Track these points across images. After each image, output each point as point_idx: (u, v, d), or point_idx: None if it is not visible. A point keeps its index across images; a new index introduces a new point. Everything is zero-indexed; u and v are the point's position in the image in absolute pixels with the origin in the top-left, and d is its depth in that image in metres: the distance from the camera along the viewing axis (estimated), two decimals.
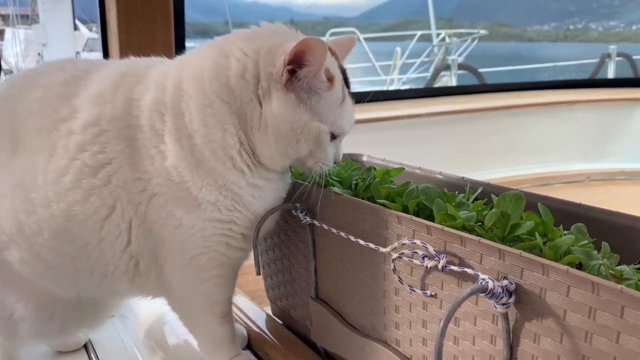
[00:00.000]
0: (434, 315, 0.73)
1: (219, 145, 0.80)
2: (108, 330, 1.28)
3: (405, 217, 0.74)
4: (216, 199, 0.82)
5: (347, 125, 0.86)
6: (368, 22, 68.09)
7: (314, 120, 0.80)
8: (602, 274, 0.59)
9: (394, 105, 2.74)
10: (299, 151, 0.82)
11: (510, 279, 0.61)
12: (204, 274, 0.87)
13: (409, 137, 2.64)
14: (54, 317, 0.97)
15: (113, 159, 0.80)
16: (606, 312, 0.53)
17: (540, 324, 0.59)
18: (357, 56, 9.74)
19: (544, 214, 0.69)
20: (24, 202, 0.82)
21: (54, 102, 0.84)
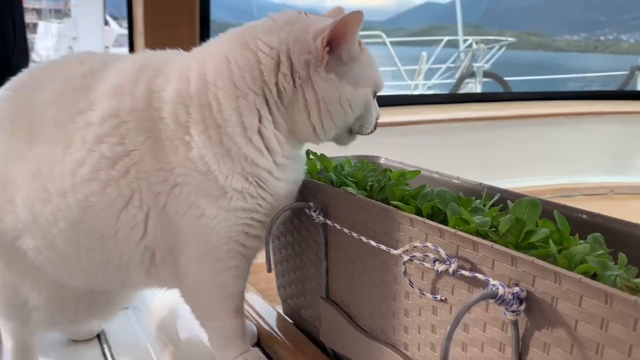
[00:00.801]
0: (444, 321, 0.72)
1: (255, 131, 0.82)
2: (121, 321, 1.29)
3: (418, 219, 0.73)
4: (242, 187, 0.83)
5: (381, 79, 0.90)
6: (395, 26, 68.01)
7: (357, 88, 0.84)
8: (617, 285, 0.58)
9: (417, 110, 2.72)
10: (349, 121, 0.87)
11: (521, 286, 0.60)
12: (221, 265, 0.88)
13: (430, 143, 2.61)
14: (67, 307, 0.99)
15: (132, 151, 0.81)
16: (619, 324, 0.51)
17: (550, 334, 0.58)
18: (382, 60, 9.73)
19: (559, 222, 0.67)
20: (40, 191, 0.83)
21: (72, 94, 0.85)
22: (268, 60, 0.81)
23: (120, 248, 0.85)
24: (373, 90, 0.87)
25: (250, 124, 0.81)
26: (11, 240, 0.87)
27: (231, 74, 0.81)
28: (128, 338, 1.24)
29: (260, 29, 0.85)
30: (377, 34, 9.44)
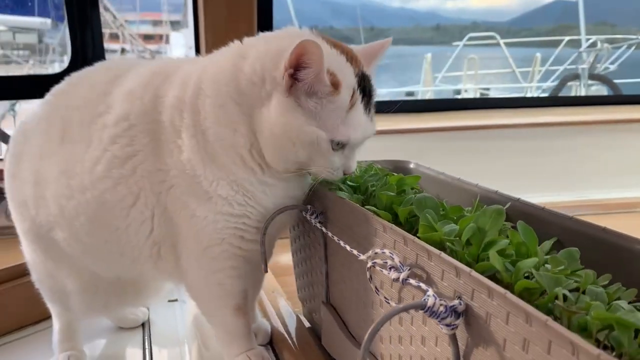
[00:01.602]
0: (407, 332, 0.69)
1: (230, 144, 0.83)
2: (167, 312, 1.38)
3: (387, 225, 0.71)
4: (227, 194, 0.85)
5: (354, 134, 0.82)
6: (519, 27, 64.30)
7: (310, 125, 0.79)
8: (558, 305, 0.52)
9: (486, 115, 2.58)
10: (297, 155, 0.81)
11: (463, 299, 0.56)
12: (217, 265, 0.91)
13: (498, 148, 2.47)
14: (98, 294, 1.08)
15: (139, 151, 0.87)
16: (537, 346, 0.47)
17: (485, 352, 0.54)
18: (496, 62, 9.32)
19: (523, 233, 0.62)
20: (65, 187, 0.91)
21: (95, 98, 0.92)
22: (249, 68, 0.81)
23: (132, 242, 0.91)
24: (330, 138, 0.80)
25: (225, 134, 0.83)
26: (46, 232, 0.96)
27: (218, 81, 0.84)
28: (169, 329, 1.32)
29: (266, 39, 0.86)
30: (491, 35, 9.06)
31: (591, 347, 0.40)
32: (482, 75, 8.20)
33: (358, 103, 0.83)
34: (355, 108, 0.82)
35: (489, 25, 46.68)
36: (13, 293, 1.28)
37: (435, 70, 8.25)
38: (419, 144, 2.31)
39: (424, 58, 7.62)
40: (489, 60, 9.73)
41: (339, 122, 0.80)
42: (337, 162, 0.84)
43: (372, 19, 61.99)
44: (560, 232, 0.78)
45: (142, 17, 15.73)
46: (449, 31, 43.28)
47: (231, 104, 0.83)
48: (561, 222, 0.79)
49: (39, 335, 1.29)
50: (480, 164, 2.35)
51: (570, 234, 0.77)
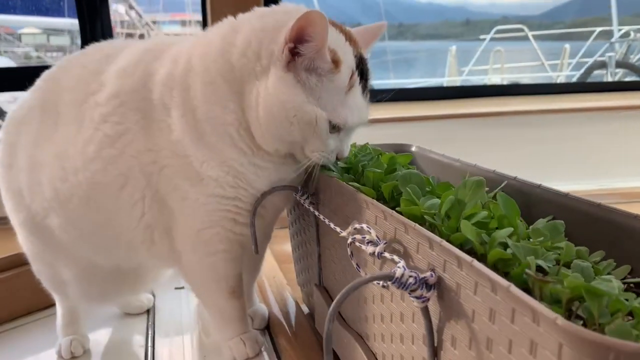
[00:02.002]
0: (388, 310, 0.67)
1: (219, 122, 0.81)
2: (173, 300, 1.38)
3: (369, 201, 0.69)
4: (217, 175, 0.83)
5: (352, 117, 0.80)
6: (551, 20, 62.63)
7: (310, 104, 0.76)
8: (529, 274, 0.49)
9: (508, 101, 2.51)
10: (292, 135, 0.79)
11: (436, 272, 0.54)
12: (209, 248, 0.89)
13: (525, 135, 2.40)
14: (95, 282, 1.05)
15: (129, 130, 0.84)
16: (503, 315, 0.44)
17: (456, 326, 0.51)
18: (526, 55, 9.12)
19: (504, 204, 0.59)
20: (60, 170, 0.89)
21: (87, 77, 0.90)
22: (242, 41, 0.79)
23: (124, 225, 0.89)
24: (329, 119, 0.78)
25: (215, 112, 0.80)
26: (42, 220, 0.94)
27: (208, 58, 0.81)
28: (173, 317, 1.31)
29: (259, 14, 0.83)
30: (519, 27, 8.88)
31: (549, 312, 0.37)
32: (510, 69, 8.03)
33: (356, 85, 0.81)
34: (354, 90, 0.80)
35: (520, 19, 45.66)
36: (22, 279, 1.30)
37: (463, 64, 8.12)
38: (439, 131, 2.27)
39: (448, 51, 7.51)
40: (518, 53, 9.54)
41: (337, 103, 0.78)
42: (332, 145, 0.81)
43: (400, 15, 61.73)
44: (556, 210, 0.75)
45: (172, 18, 15.94)
46: (478, 26, 42.69)
47: (220, 81, 0.80)
48: (557, 200, 0.76)
49: (47, 320, 1.31)
50: (504, 151, 2.29)
51: (566, 211, 0.74)
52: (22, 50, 7.62)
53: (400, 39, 23.33)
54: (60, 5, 7.20)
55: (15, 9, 4.25)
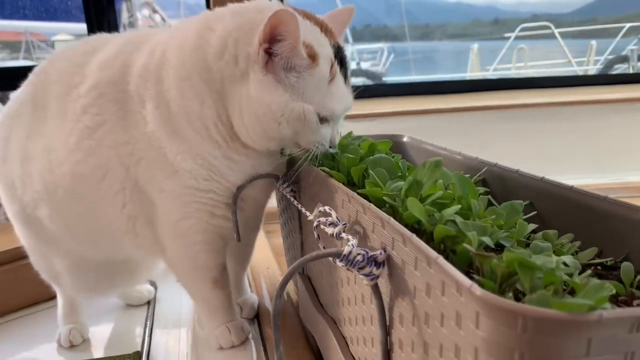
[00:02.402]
0: (352, 293, 0.67)
1: (196, 116, 0.81)
2: (174, 291, 1.40)
3: (336, 185, 0.69)
4: (191, 167, 0.83)
5: (338, 107, 0.81)
6: (583, 18, 60.88)
7: (296, 101, 0.76)
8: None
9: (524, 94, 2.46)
10: (282, 133, 0.79)
11: (387, 250, 0.54)
12: (188, 239, 0.90)
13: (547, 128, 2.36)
14: (88, 274, 1.07)
15: (106, 121, 0.85)
16: (436, 289, 0.44)
17: (402, 303, 0.51)
18: (554, 54, 8.95)
19: (460, 184, 0.59)
20: (47, 162, 0.89)
21: (72, 70, 0.90)
22: (217, 42, 0.79)
23: (107, 217, 0.90)
24: (317, 111, 0.78)
25: (191, 107, 0.80)
26: (32, 211, 0.94)
27: (183, 52, 0.82)
28: (173, 309, 1.33)
29: (233, 11, 0.83)
30: (545, 24, 8.71)
31: (465, 280, 0.37)
32: (535, 67, 7.88)
33: (338, 74, 0.81)
34: (336, 80, 0.80)
35: (550, 17, 44.86)
36: (26, 271, 1.33)
37: (488, 63, 8.01)
38: (453, 124, 2.25)
39: (470, 49, 7.43)
40: (546, 52, 9.36)
41: (322, 95, 0.79)
42: (324, 134, 0.82)
43: (425, 16, 61.49)
44: (534, 195, 0.74)
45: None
46: (507, 25, 42.26)
47: (197, 77, 0.80)
48: (534, 184, 0.75)
49: (51, 311, 1.34)
50: (520, 144, 2.26)
51: (542, 196, 0.73)
52: None
53: (427, 39, 23.19)
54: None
55: (48, 17, 4.38)
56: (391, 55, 9.61)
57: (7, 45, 8.41)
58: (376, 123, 2.06)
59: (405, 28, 12.39)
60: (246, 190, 0.88)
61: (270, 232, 1.50)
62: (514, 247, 0.53)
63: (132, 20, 8.12)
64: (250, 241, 1.07)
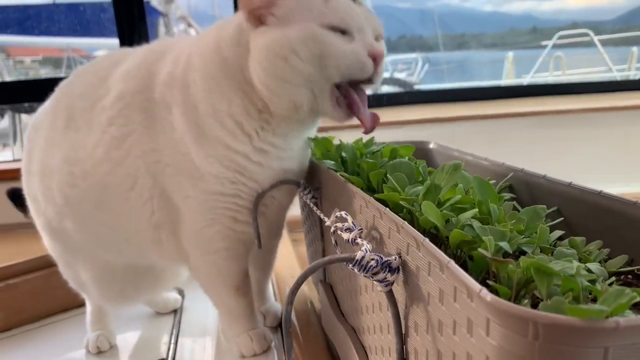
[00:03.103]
0: (370, 300, 0.65)
1: (226, 114, 0.81)
2: (201, 300, 1.40)
3: (354, 190, 0.68)
4: (218, 171, 0.83)
5: (347, 13, 0.74)
6: (626, 25, 58.20)
7: (289, 27, 0.73)
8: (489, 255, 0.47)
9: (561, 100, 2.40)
10: (298, 68, 0.73)
11: (402, 255, 0.52)
12: (211, 246, 0.89)
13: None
14: (114, 282, 1.07)
15: (134, 131, 0.86)
16: (449, 295, 0.42)
17: (417, 310, 0.49)
18: (594, 62, 8.72)
19: (479, 188, 0.57)
20: (68, 175, 0.89)
21: (95, 83, 0.91)
22: (228, 36, 0.80)
23: (135, 226, 0.91)
24: (320, 22, 0.72)
25: (220, 106, 0.81)
26: (57, 224, 0.96)
27: (205, 54, 0.82)
28: (198, 316, 1.33)
29: (238, 13, 0.82)
30: (584, 32, 8.51)
31: (475, 285, 0.35)
32: (574, 75, 7.69)
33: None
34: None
35: (591, 25, 43.67)
36: (57, 277, 1.35)
37: (526, 71, 7.86)
38: (486, 131, 2.20)
39: (505, 57, 7.30)
40: (585, 60, 9.13)
41: (321, 9, 0.74)
42: (354, 47, 0.73)
43: (463, 25, 61.01)
44: (561, 201, 0.72)
45: None
46: (545, 33, 41.60)
47: (220, 76, 0.81)
48: (562, 190, 0.72)
49: (81, 317, 1.36)
50: (552, 151, 2.20)
51: (570, 202, 0.70)
52: None
53: (463, 48, 23.05)
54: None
55: (82, 29, 4.55)
56: (425, 65, 9.54)
57: (50, 61, 8.71)
58: (406, 130, 2.03)
59: (438, 38, 12.31)
60: (270, 193, 0.88)
61: (296, 241, 1.49)
62: (536, 253, 0.50)
63: (169, 35, 8.30)
64: (273, 247, 1.07)
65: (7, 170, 1.74)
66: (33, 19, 5.15)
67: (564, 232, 0.63)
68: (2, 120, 3.13)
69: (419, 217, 0.57)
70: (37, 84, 1.93)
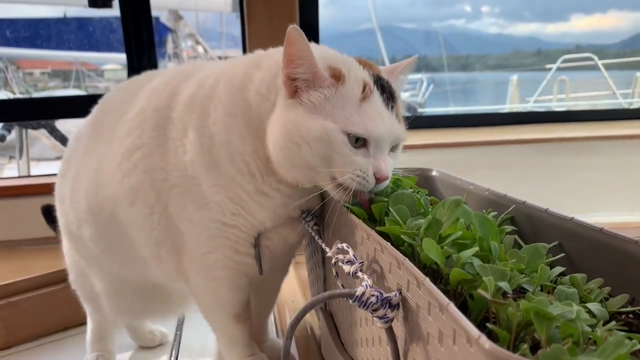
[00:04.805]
0: (370, 334, 0.65)
1: (237, 152, 0.81)
2: (201, 322, 1.39)
3: (356, 221, 0.68)
4: (222, 200, 0.83)
5: (373, 125, 0.73)
6: (632, 49, 58.02)
7: (314, 120, 0.72)
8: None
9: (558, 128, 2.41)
10: (306, 159, 0.73)
11: (402, 292, 0.52)
12: (212, 273, 0.89)
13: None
14: (124, 297, 1.07)
15: (144, 144, 0.86)
16: (449, 337, 0.42)
17: (416, 348, 0.49)
18: (597, 85, 8.75)
19: (480, 224, 0.57)
20: (95, 184, 0.92)
21: (126, 99, 0.94)
22: (257, 81, 0.80)
23: (137, 240, 0.91)
24: (343, 129, 0.72)
25: (235, 142, 0.81)
26: (77, 229, 0.98)
27: (230, 89, 0.82)
28: (198, 339, 1.32)
29: (277, 50, 0.84)
30: (588, 56, 8.55)
31: (474, 330, 0.36)
32: (577, 99, 7.70)
33: (375, 96, 0.76)
34: (371, 100, 0.75)
35: (596, 49, 43.70)
36: (61, 295, 1.35)
37: (529, 94, 7.88)
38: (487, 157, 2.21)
39: (509, 80, 7.33)
40: (589, 83, 9.16)
41: (352, 112, 0.73)
42: (362, 162, 0.73)
43: (467, 47, 61.30)
44: (563, 235, 0.72)
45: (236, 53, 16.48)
46: (549, 56, 41.67)
47: (240, 117, 0.81)
48: (563, 225, 0.72)
49: (82, 336, 1.36)
50: (555, 178, 2.20)
51: (572, 237, 0.71)
52: (103, 85, 8.10)
53: (467, 70, 23.22)
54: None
55: (91, 49, 4.62)
56: (430, 86, 9.59)
57: (58, 74, 8.80)
58: (410, 155, 2.03)
59: (443, 59, 12.40)
60: (277, 229, 0.87)
61: (299, 264, 1.48)
62: (537, 292, 0.51)
63: (177, 51, 8.36)
64: (276, 283, 1.06)
65: (11, 187, 1.75)
66: (43, 33, 5.23)
67: (565, 268, 0.63)
68: (9, 135, 3.16)
69: (420, 251, 0.57)
70: (44, 102, 1.95)
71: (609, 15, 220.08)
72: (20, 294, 1.32)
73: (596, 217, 2.00)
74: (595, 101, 7.59)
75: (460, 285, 0.50)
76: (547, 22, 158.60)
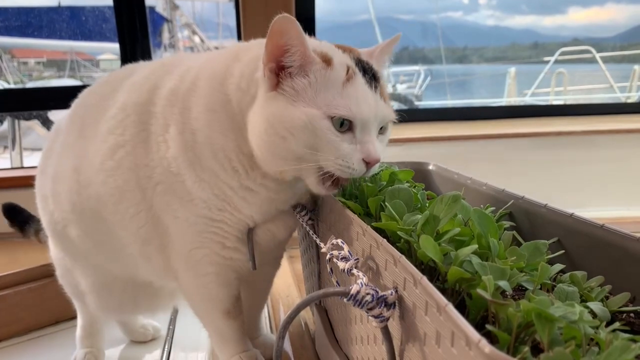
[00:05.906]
0: (365, 332, 0.63)
1: (220, 148, 0.80)
2: (194, 324, 1.38)
3: (351, 216, 0.66)
4: (207, 197, 0.81)
5: (357, 106, 0.70)
6: (628, 42, 58.04)
7: (295, 107, 0.70)
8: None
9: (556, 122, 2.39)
10: (291, 150, 0.71)
11: (398, 290, 0.51)
12: (200, 269, 0.88)
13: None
14: (113, 294, 1.05)
15: (127, 142, 0.84)
16: (446, 339, 0.40)
17: (412, 349, 0.48)
18: (595, 78, 8.73)
19: (479, 221, 0.55)
20: (76, 183, 0.90)
21: (107, 94, 0.91)
22: (237, 75, 0.78)
23: (125, 239, 0.89)
24: (327, 114, 0.70)
25: (216, 139, 0.79)
26: (62, 229, 0.96)
27: (211, 84, 0.80)
28: (192, 337, 1.30)
29: (257, 42, 0.82)
30: (586, 49, 8.52)
31: (474, 333, 0.34)
32: (575, 92, 7.69)
33: (358, 77, 0.73)
34: (354, 81, 0.73)
35: (593, 42, 43.19)
36: (50, 289, 1.33)
37: (527, 87, 7.87)
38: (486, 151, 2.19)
39: (507, 73, 7.31)
40: (587, 76, 9.15)
41: (334, 95, 0.71)
42: (348, 149, 0.71)
43: (465, 39, 60.94)
44: (562, 232, 0.71)
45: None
46: (547, 49, 41.31)
47: (221, 112, 0.79)
48: (563, 221, 0.71)
49: (72, 330, 1.34)
50: (552, 171, 2.19)
51: (572, 233, 0.69)
52: (99, 75, 8.02)
53: (464, 62, 23.02)
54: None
55: (84, 39, 4.56)
56: (427, 77, 9.56)
57: (53, 64, 8.72)
58: (407, 149, 2.02)
59: (440, 51, 12.34)
60: (264, 224, 0.86)
61: (293, 257, 1.47)
62: (537, 291, 0.49)
63: (172, 41, 8.28)
64: (268, 277, 1.04)
65: (3, 178, 1.72)
66: (37, 22, 5.16)
67: (564, 266, 0.62)
68: (1, 126, 3.12)
69: (417, 249, 0.55)
70: (37, 92, 1.92)
71: (606, 8, 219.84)
72: (10, 288, 1.30)
73: (593, 211, 1.99)
74: (592, 95, 7.57)
75: (458, 284, 0.49)
76: (545, 15, 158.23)
